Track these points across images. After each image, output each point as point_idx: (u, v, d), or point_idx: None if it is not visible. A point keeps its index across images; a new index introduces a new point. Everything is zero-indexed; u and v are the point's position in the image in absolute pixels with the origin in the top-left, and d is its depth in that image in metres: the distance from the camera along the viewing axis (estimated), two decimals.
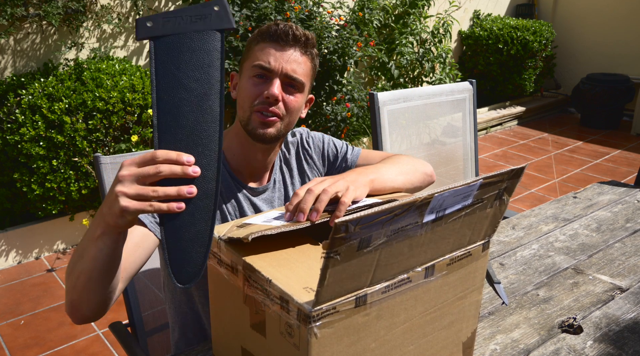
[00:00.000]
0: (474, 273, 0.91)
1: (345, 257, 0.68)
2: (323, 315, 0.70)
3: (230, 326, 0.89)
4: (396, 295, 0.79)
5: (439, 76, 4.69)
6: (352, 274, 0.71)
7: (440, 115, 2.05)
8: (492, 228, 0.90)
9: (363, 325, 0.76)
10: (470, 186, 0.76)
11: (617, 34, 5.47)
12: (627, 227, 1.54)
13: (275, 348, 0.77)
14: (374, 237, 0.69)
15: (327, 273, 0.67)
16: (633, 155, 4.52)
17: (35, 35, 3.10)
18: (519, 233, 1.52)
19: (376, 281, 0.75)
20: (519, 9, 5.97)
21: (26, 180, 2.75)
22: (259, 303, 0.78)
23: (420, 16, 4.64)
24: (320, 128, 3.74)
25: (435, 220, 0.76)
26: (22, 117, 2.71)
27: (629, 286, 1.24)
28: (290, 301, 0.71)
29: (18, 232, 2.94)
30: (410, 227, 0.74)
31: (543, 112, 5.69)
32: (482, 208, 0.84)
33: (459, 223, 0.82)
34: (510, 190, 0.86)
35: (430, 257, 0.81)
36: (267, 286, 0.75)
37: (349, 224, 0.64)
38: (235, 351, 0.88)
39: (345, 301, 0.72)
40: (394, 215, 0.69)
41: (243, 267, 0.80)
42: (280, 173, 1.27)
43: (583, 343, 1.05)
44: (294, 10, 3.52)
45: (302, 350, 0.72)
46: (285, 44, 1.11)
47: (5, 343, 2.34)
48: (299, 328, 0.71)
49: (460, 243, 0.85)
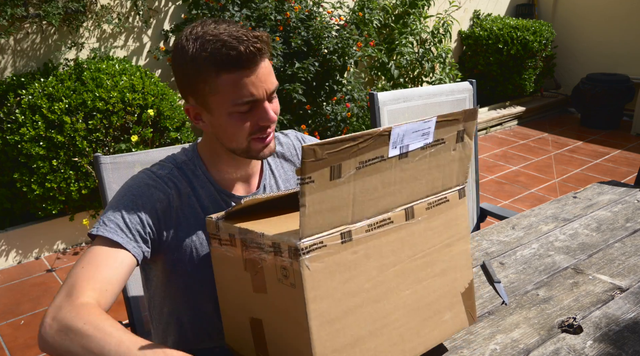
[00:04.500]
0: (455, 220, 0.96)
1: (320, 185, 0.73)
2: (311, 248, 0.75)
3: (236, 302, 0.93)
4: (381, 235, 0.84)
5: (439, 76, 4.69)
6: (332, 206, 0.76)
7: None
8: (463, 174, 0.96)
9: (353, 263, 0.81)
10: (425, 122, 0.83)
11: (617, 33, 5.47)
12: (627, 227, 1.54)
13: (277, 299, 0.82)
14: (343, 166, 0.75)
15: (306, 200, 0.72)
16: (633, 155, 4.52)
17: (35, 35, 3.10)
18: (518, 233, 1.52)
19: (358, 219, 0.81)
20: (519, 9, 5.97)
21: (26, 180, 2.75)
22: (256, 262, 0.83)
23: (420, 16, 4.64)
24: (320, 129, 3.75)
25: (400, 156, 0.83)
26: (22, 117, 2.71)
27: (629, 286, 1.24)
28: (280, 242, 0.77)
29: (18, 232, 2.94)
30: (377, 161, 0.80)
31: (543, 112, 5.69)
32: (445, 150, 0.90)
33: (426, 164, 0.88)
34: (469, 132, 0.92)
35: (407, 198, 0.87)
36: (260, 240, 0.81)
37: (315, 148, 0.71)
38: (245, 326, 0.92)
39: (330, 235, 0.77)
40: (358, 143, 0.75)
41: (239, 232, 0.86)
42: (272, 178, 1.23)
43: (583, 343, 1.05)
44: (294, 10, 3.52)
45: (297, 286, 0.76)
46: (253, 65, 1.00)
47: (5, 343, 2.34)
48: (292, 266, 0.76)
49: (434, 186, 0.91)
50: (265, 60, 1.02)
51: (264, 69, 1.02)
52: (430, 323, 0.93)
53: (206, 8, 3.43)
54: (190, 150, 1.16)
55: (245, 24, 3.36)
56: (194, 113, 1.08)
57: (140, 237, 1.03)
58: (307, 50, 3.48)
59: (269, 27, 3.42)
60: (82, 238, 3.17)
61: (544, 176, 4.11)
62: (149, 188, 1.07)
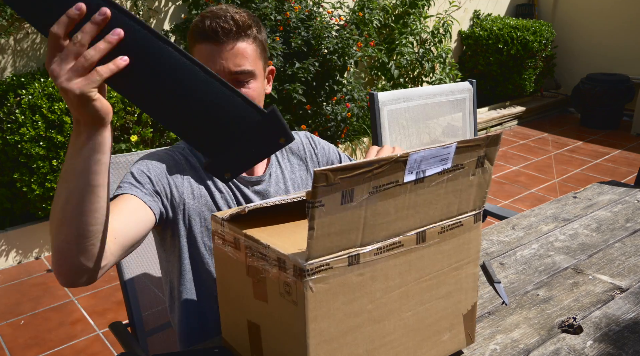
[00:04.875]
0: (467, 244, 0.94)
1: (330, 209, 0.72)
2: (317, 269, 0.74)
3: (236, 302, 0.93)
4: (389, 258, 0.83)
5: (439, 76, 4.69)
6: (341, 230, 0.75)
7: (440, 115, 2.06)
8: (480, 199, 0.93)
9: (358, 285, 0.80)
10: (445, 148, 0.81)
11: (617, 33, 5.47)
12: (627, 227, 1.54)
13: (277, 311, 0.82)
14: (356, 191, 0.74)
15: (315, 223, 0.71)
16: (633, 155, 4.52)
17: (35, 35, 3.10)
18: (519, 233, 1.52)
19: (367, 242, 0.79)
20: (519, 9, 5.97)
21: (26, 180, 2.75)
22: (259, 271, 0.83)
23: (420, 16, 4.64)
24: (320, 129, 3.74)
25: (416, 181, 0.81)
26: (22, 117, 2.71)
27: (629, 286, 1.24)
28: (286, 260, 0.76)
29: (18, 232, 2.94)
30: (391, 186, 0.78)
31: (543, 112, 5.69)
32: (464, 175, 0.88)
33: (443, 189, 0.86)
34: (491, 158, 0.90)
35: (420, 223, 0.85)
36: (266, 252, 0.80)
37: (328, 173, 0.69)
38: (242, 327, 0.93)
39: (337, 258, 0.76)
40: (373, 169, 0.74)
41: (244, 238, 0.85)
42: (279, 169, 1.25)
43: (583, 343, 1.05)
44: (294, 10, 3.52)
45: (299, 305, 0.76)
46: (218, 41, 1.06)
47: (5, 343, 2.34)
48: (296, 284, 0.75)
49: (449, 211, 0.89)
50: (238, 41, 1.07)
51: (234, 49, 1.07)
52: (428, 343, 0.93)
53: (206, 8, 3.43)
54: None
55: None
56: None
57: (154, 192, 1.07)
58: (307, 50, 3.48)
59: (269, 27, 3.42)
60: None
61: (544, 176, 4.11)
62: (160, 157, 1.13)
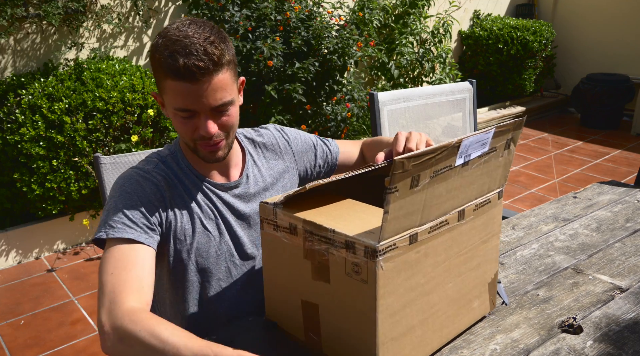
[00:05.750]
0: (492, 219, 1.06)
1: (402, 194, 0.81)
2: (386, 250, 0.83)
3: (288, 284, 1.00)
4: (438, 235, 0.93)
5: (439, 76, 4.69)
6: (407, 212, 0.84)
7: (440, 115, 2.05)
8: (504, 177, 1.05)
9: (416, 262, 0.89)
10: (487, 133, 0.91)
11: (617, 33, 5.47)
12: (627, 227, 1.54)
13: (341, 290, 0.89)
14: (421, 176, 0.83)
15: (390, 208, 0.79)
16: (633, 155, 4.52)
17: (35, 35, 3.10)
18: (519, 233, 1.52)
19: (424, 222, 0.89)
20: (519, 9, 5.96)
21: (26, 180, 2.75)
22: (321, 254, 0.90)
23: (420, 16, 4.64)
24: (320, 128, 3.74)
25: (463, 164, 0.91)
26: (22, 117, 2.71)
27: (629, 286, 1.24)
28: (356, 242, 0.84)
29: (18, 232, 2.94)
30: (446, 170, 0.87)
31: (543, 112, 5.69)
32: (496, 157, 0.98)
33: (480, 170, 0.96)
34: (515, 140, 1.01)
35: (461, 202, 0.96)
36: (331, 235, 0.87)
37: (405, 161, 0.77)
38: (295, 307, 0.99)
39: (402, 238, 0.85)
40: (436, 155, 0.83)
41: (303, 224, 0.91)
42: (255, 168, 1.25)
43: (583, 343, 1.05)
44: (294, 10, 3.52)
45: (370, 283, 0.84)
46: (194, 80, 0.99)
47: (5, 343, 2.34)
48: (367, 264, 0.83)
49: (482, 190, 1.00)
50: (214, 75, 1.00)
51: (210, 84, 1.00)
52: (463, 311, 1.04)
53: (206, 8, 3.43)
54: (173, 145, 1.20)
55: (245, 24, 3.36)
56: (159, 101, 1.12)
57: (148, 228, 1.07)
58: (307, 50, 3.48)
59: (269, 27, 3.42)
60: (82, 238, 3.17)
61: (544, 176, 4.11)
62: (140, 183, 1.10)
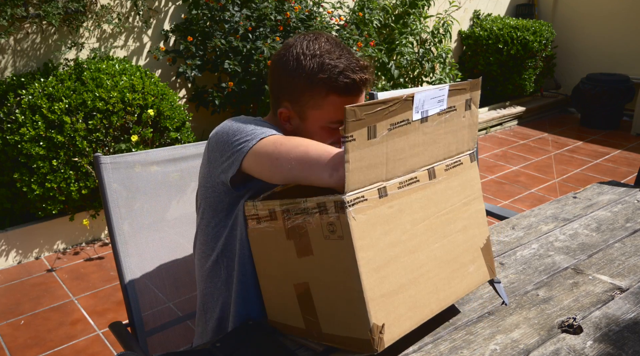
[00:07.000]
0: (469, 182, 1.09)
1: (360, 143, 0.85)
2: (355, 201, 0.86)
3: (279, 273, 1.02)
4: (410, 192, 0.96)
5: (439, 76, 4.69)
6: (369, 164, 0.88)
7: None
8: (472, 139, 1.09)
9: (390, 217, 0.92)
10: (440, 90, 0.96)
11: (617, 33, 5.47)
12: (627, 227, 1.54)
13: (324, 257, 0.92)
14: (378, 127, 0.87)
15: (349, 157, 0.84)
16: (633, 155, 4.52)
17: (35, 35, 3.10)
18: (518, 233, 1.52)
19: (390, 177, 0.93)
20: (519, 9, 5.96)
21: (26, 180, 2.75)
22: (300, 227, 0.93)
23: (420, 16, 4.64)
24: None
25: (422, 120, 0.95)
26: (22, 117, 2.71)
27: (629, 286, 1.24)
28: (326, 201, 0.88)
29: (18, 232, 2.94)
30: (404, 123, 0.92)
31: (543, 112, 5.69)
32: (457, 116, 1.03)
33: (442, 128, 1.00)
34: (475, 101, 1.06)
35: (428, 160, 1.00)
36: (304, 205, 0.91)
37: (356, 109, 0.83)
38: (289, 295, 1.01)
39: (369, 190, 0.89)
40: (388, 106, 0.88)
41: (279, 205, 0.96)
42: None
43: (583, 343, 1.05)
44: (294, 11, 3.52)
45: (345, 237, 0.87)
46: (359, 93, 1.13)
47: (5, 343, 2.34)
48: (339, 219, 0.87)
49: (449, 150, 1.04)
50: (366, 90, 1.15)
51: (363, 96, 1.14)
52: (458, 275, 1.06)
53: (206, 8, 3.43)
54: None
55: (245, 24, 3.36)
56: (286, 115, 1.17)
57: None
58: None
59: (269, 27, 3.42)
60: (82, 238, 3.17)
61: (544, 176, 4.11)
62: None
